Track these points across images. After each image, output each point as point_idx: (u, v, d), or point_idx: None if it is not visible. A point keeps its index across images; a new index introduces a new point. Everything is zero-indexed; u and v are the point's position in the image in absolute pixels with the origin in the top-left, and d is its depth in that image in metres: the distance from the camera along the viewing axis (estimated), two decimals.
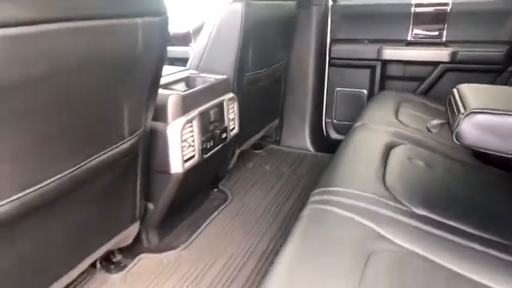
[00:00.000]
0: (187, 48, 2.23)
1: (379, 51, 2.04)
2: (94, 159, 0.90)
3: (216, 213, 1.61)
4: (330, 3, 2.16)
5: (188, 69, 1.58)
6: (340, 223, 0.82)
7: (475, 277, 0.73)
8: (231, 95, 1.49)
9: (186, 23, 2.33)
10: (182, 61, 1.81)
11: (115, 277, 1.27)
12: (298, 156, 2.20)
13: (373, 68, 2.11)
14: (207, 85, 1.39)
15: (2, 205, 0.70)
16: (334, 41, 2.18)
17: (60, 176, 0.81)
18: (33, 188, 0.76)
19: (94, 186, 0.96)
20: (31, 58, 0.65)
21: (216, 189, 1.80)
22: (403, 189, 0.98)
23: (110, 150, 0.95)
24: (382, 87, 2.12)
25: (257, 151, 2.27)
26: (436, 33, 1.95)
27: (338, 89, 2.24)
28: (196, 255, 1.37)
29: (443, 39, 1.94)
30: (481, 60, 1.86)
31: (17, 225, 0.77)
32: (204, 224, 1.53)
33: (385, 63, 2.09)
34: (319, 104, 2.28)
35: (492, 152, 0.86)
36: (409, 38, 2.00)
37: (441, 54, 1.93)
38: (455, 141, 0.87)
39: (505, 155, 0.87)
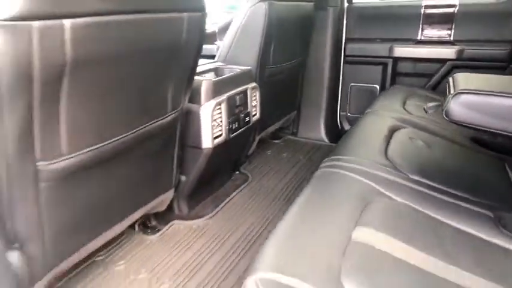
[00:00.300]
0: (213, 46, 2.44)
1: (390, 49, 2.20)
2: (144, 127, 1.11)
3: (237, 190, 1.81)
4: (346, 4, 2.33)
5: (217, 61, 1.78)
6: (344, 181, 0.99)
7: (456, 225, 0.89)
8: (253, 84, 1.69)
9: (211, 23, 2.54)
10: (207, 57, 2.01)
11: (151, 238, 1.47)
12: (313, 146, 2.38)
13: (385, 65, 2.27)
14: (234, 74, 1.58)
15: (79, 154, 0.91)
16: (349, 39, 2.35)
17: (117, 138, 1.02)
18: (99, 145, 0.96)
19: (141, 151, 1.17)
20: (104, 41, 0.85)
21: (237, 172, 2.00)
22: (401, 160, 1.15)
23: (156, 122, 1.15)
24: (393, 83, 2.27)
25: (275, 141, 2.45)
26: (444, 32, 2.09)
27: (352, 84, 2.40)
28: (221, 224, 1.56)
29: (451, 38, 2.09)
30: (486, 58, 2.00)
31: (85, 174, 0.97)
32: (227, 199, 1.73)
33: (396, 60, 2.24)
34: (334, 98, 2.45)
35: (476, 127, 1.02)
36: (419, 37, 2.15)
37: (448, 52, 2.08)
38: (445, 117, 1.03)
39: (487, 130, 1.03)
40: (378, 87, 2.33)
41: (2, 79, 0.68)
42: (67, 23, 0.73)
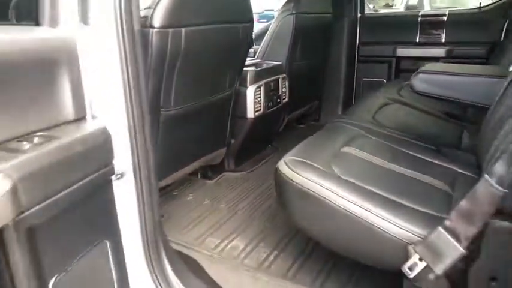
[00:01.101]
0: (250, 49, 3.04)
1: (394, 50, 2.73)
2: (211, 97, 1.71)
3: (270, 156, 2.38)
4: (359, 15, 2.88)
5: (256, 58, 2.38)
6: (341, 128, 1.55)
7: (411, 152, 1.41)
8: (283, 75, 2.27)
9: None
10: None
11: (209, 182, 2.08)
12: None
13: (390, 63, 2.80)
14: (269, 67, 2.18)
15: (179, 108, 1.52)
16: (362, 43, 2.90)
17: (198, 101, 1.62)
18: (188, 104, 1.57)
19: (209, 114, 1.77)
20: (198, 42, 1.46)
21: (270, 146, 2.57)
22: (385, 121, 1.69)
23: (218, 95, 1.76)
24: (397, 77, 2.79)
25: (300, 125, 3.02)
26: (437, 36, 2.60)
27: (364, 79, 2.94)
28: (257, 176, 2.14)
29: (443, 40, 2.59)
30: (470, 56, 2.49)
31: (181, 120, 1.58)
32: (263, 161, 2.31)
33: (399, 59, 2.77)
34: (349, 91, 2.99)
35: (429, 95, 1.55)
36: (417, 40, 2.67)
37: (440, 51, 2.59)
38: (410, 89, 1.58)
39: (438, 97, 1.55)
40: (385, 81, 2.85)
41: (152, 60, 1.30)
42: (183, 30, 1.35)
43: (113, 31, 0.88)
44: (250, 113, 2.01)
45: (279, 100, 2.22)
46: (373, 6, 4.08)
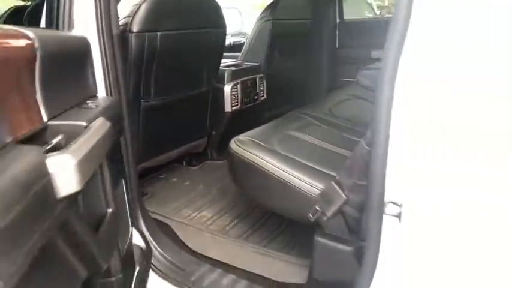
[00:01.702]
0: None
1: (370, 53, 2.98)
2: (190, 91, 2.01)
3: None
4: (338, 20, 3.14)
5: (238, 60, 2.67)
6: (297, 117, 1.81)
7: (348, 136, 1.67)
8: (261, 75, 2.55)
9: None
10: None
11: (193, 168, 2.36)
12: None
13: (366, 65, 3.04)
14: (246, 67, 2.46)
15: (158, 99, 1.82)
16: (340, 46, 3.15)
17: (175, 95, 1.92)
18: (167, 97, 1.86)
19: (190, 106, 2.07)
20: (173, 44, 1.75)
21: None
22: (339, 113, 1.94)
23: (196, 89, 2.05)
24: None
25: None
26: None
27: (342, 79, 3.19)
28: None
29: None
30: None
31: (161, 110, 1.87)
32: None
33: (375, 61, 3.00)
34: (330, 89, 3.24)
35: (371, 89, 1.81)
36: None
37: None
38: (357, 83, 1.84)
39: None
40: None
41: (132, 58, 1.60)
42: (159, 34, 1.65)
43: (94, 35, 1.18)
44: (228, 108, 2.30)
45: (256, 97, 2.50)
46: (380, 12, 4.29)
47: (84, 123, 0.78)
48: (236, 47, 3.39)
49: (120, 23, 1.51)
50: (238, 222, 1.74)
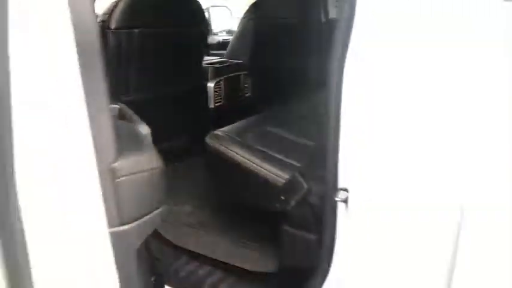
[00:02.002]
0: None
1: None
2: (171, 88, 2.04)
3: None
4: (323, 20, 3.17)
5: (225, 58, 2.69)
6: (280, 116, 1.84)
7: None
8: (245, 72, 2.58)
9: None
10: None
11: (177, 165, 2.39)
12: None
13: None
14: (230, 64, 2.49)
15: (137, 96, 1.85)
16: (327, 45, 3.18)
17: (156, 91, 1.95)
18: (147, 93, 1.90)
19: (172, 103, 2.10)
20: (151, 41, 1.78)
21: None
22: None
23: (177, 86, 2.08)
24: None
25: None
26: None
27: None
28: None
29: None
30: None
31: (139, 106, 1.91)
32: None
33: None
34: (316, 87, 3.27)
35: None
36: None
37: None
38: None
39: None
40: None
41: (110, 54, 1.63)
42: (136, 30, 1.68)
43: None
44: (211, 104, 2.33)
45: (240, 94, 2.53)
46: None
47: None
48: (225, 45, 3.43)
49: (99, 19, 1.54)
50: (215, 215, 1.78)
